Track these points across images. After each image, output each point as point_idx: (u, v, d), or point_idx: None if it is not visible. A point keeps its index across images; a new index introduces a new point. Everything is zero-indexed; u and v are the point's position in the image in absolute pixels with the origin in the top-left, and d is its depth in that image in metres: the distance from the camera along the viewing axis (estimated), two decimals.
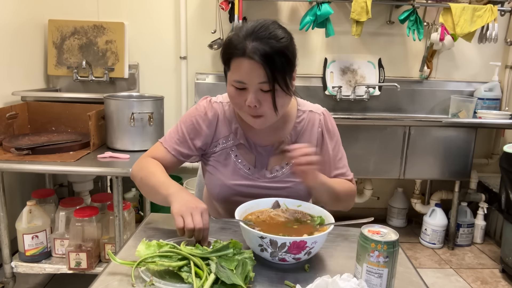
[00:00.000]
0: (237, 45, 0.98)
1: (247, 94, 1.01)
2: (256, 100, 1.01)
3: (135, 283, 0.80)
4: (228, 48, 1.01)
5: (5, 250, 1.84)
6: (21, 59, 2.44)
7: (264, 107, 1.02)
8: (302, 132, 1.18)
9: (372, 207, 3.13)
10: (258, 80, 0.99)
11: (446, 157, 2.58)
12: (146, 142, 1.96)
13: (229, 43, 1.01)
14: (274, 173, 1.16)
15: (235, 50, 0.99)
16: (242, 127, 1.16)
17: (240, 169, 1.15)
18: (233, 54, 1.00)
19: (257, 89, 1.00)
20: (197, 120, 1.16)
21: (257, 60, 0.96)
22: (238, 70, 1.00)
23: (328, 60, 2.84)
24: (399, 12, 2.70)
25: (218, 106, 1.18)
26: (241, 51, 0.98)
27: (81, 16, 2.71)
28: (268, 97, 1.01)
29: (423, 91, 2.91)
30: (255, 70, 0.97)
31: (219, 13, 2.67)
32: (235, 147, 1.16)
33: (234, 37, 1.01)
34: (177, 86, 2.84)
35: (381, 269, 0.77)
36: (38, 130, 2.16)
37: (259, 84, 0.99)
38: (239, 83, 1.01)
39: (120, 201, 1.77)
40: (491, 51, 2.91)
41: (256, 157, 1.16)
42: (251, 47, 0.97)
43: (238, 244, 0.86)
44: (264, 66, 0.96)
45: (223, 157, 1.16)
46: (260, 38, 0.97)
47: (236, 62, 1.00)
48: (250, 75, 0.98)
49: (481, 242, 2.85)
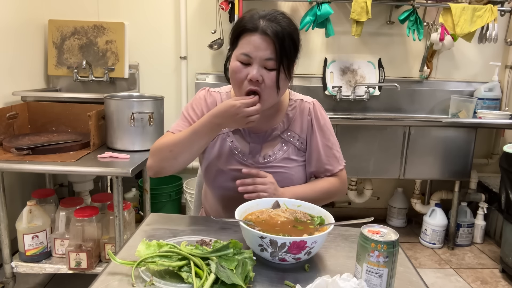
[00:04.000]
0: (250, 23, 1.04)
1: (250, 70, 1.04)
2: (259, 75, 1.04)
3: (135, 283, 0.80)
4: (240, 25, 1.07)
5: (5, 250, 1.84)
6: (21, 59, 2.44)
7: (265, 84, 1.05)
8: (294, 119, 1.22)
9: (372, 207, 3.13)
10: (265, 55, 1.03)
11: (446, 157, 2.58)
12: (146, 142, 1.96)
13: (241, 21, 1.07)
14: (267, 159, 1.19)
15: (247, 27, 1.04)
16: None
17: (235, 155, 1.19)
18: (244, 31, 1.05)
19: (262, 65, 1.04)
20: (197, 106, 1.21)
21: (269, 36, 1.02)
22: (247, 44, 1.04)
23: (328, 60, 2.84)
24: (399, 12, 2.70)
25: (216, 95, 1.23)
26: (254, 27, 1.04)
27: (81, 16, 2.71)
28: (270, 76, 1.05)
29: (423, 91, 2.91)
30: (264, 46, 1.03)
31: (219, 13, 2.67)
32: (231, 133, 1.20)
33: (246, 17, 1.07)
34: (177, 86, 2.84)
35: (381, 269, 0.77)
36: (38, 130, 2.16)
37: (265, 61, 1.04)
38: (245, 56, 1.05)
39: (120, 201, 1.77)
40: (491, 51, 2.91)
41: (250, 144, 1.20)
42: (264, 24, 1.03)
43: (238, 244, 0.86)
44: (275, 42, 1.02)
45: (219, 142, 1.20)
46: (272, 20, 1.04)
47: (246, 37, 1.05)
48: (258, 49, 1.03)
49: (481, 242, 2.85)
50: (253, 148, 1.19)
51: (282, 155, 1.19)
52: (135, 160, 1.81)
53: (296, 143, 1.20)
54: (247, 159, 1.18)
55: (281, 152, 1.19)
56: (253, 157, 1.19)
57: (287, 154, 1.19)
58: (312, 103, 1.23)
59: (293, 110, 1.22)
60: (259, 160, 1.18)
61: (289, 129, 1.20)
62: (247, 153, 1.19)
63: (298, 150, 1.21)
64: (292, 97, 1.24)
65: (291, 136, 1.20)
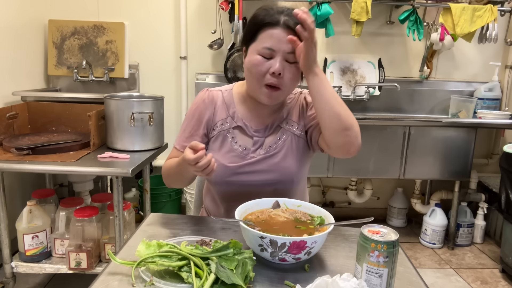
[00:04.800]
0: (269, 17, 1.06)
1: (272, 63, 1.06)
2: (281, 68, 1.06)
3: (135, 283, 0.80)
4: (258, 20, 1.08)
5: (5, 250, 1.84)
6: (21, 59, 2.44)
7: (285, 78, 1.08)
8: (292, 108, 1.23)
9: (372, 207, 3.13)
10: (288, 49, 1.05)
11: (446, 157, 2.58)
12: (146, 142, 1.96)
13: (258, 16, 1.09)
14: (268, 150, 1.19)
15: (268, 22, 1.06)
16: (240, 111, 1.21)
17: (236, 149, 1.19)
18: (264, 25, 1.06)
19: (284, 58, 1.06)
20: (196, 111, 1.22)
21: (291, 29, 1.03)
22: (269, 38, 1.06)
23: (328, 60, 2.84)
24: (399, 12, 2.70)
25: (217, 93, 1.24)
26: (275, 22, 1.05)
27: (81, 16, 2.72)
28: (291, 69, 1.08)
29: (423, 91, 2.91)
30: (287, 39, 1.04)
31: (219, 13, 2.67)
32: (232, 129, 1.21)
33: (263, 12, 1.08)
34: (177, 86, 2.84)
35: (381, 269, 0.77)
36: (38, 130, 2.16)
37: (287, 54, 1.06)
38: (268, 50, 1.06)
39: (120, 201, 1.77)
40: (491, 51, 2.91)
41: (254, 138, 1.20)
42: (285, 19, 1.05)
43: (238, 244, 0.86)
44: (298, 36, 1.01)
45: (220, 139, 1.21)
46: (291, 15, 1.05)
47: (268, 32, 1.06)
48: (281, 42, 1.05)
49: (481, 242, 2.85)
50: (256, 142, 1.20)
51: (283, 144, 1.20)
52: (135, 160, 1.81)
53: (296, 131, 1.21)
54: (249, 153, 1.19)
55: (281, 141, 1.20)
56: (255, 150, 1.19)
57: (287, 143, 1.20)
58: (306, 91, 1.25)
59: (291, 102, 1.24)
60: (261, 152, 1.19)
61: (288, 118, 1.22)
62: (249, 147, 1.19)
63: (298, 137, 1.21)
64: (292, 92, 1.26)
65: (289, 124, 1.22)
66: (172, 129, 2.82)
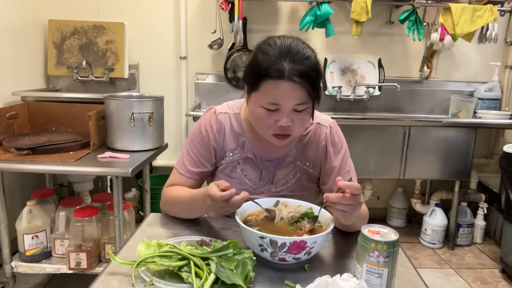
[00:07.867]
0: (271, 67, 0.96)
1: (278, 115, 1.00)
2: (289, 120, 1.01)
3: (135, 283, 0.80)
4: (259, 69, 0.98)
5: (5, 250, 1.84)
6: (21, 59, 2.44)
7: (295, 125, 1.02)
8: (308, 145, 1.16)
9: (372, 207, 3.13)
10: (295, 101, 0.98)
11: (446, 157, 2.58)
12: (146, 142, 1.96)
13: (259, 64, 0.99)
14: (280, 188, 1.15)
15: (271, 73, 0.96)
16: (250, 140, 1.15)
17: (246, 183, 1.15)
18: (267, 76, 0.97)
19: (291, 109, 1.00)
20: (204, 136, 1.15)
21: (298, 82, 0.96)
22: (273, 92, 0.98)
23: (328, 60, 2.84)
24: (399, 12, 2.70)
25: (224, 118, 1.16)
26: (279, 73, 0.96)
27: (81, 16, 2.71)
28: (300, 116, 1.02)
29: (423, 91, 2.91)
30: (294, 92, 0.97)
31: (219, 13, 2.67)
32: (242, 161, 1.16)
33: (263, 58, 0.99)
34: (177, 86, 2.84)
35: (381, 269, 0.77)
36: (38, 130, 2.16)
37: (295, 105, 0.99)
38: (273, 105, 0.99)
39: (120, 201, 1.77)
40: (491, 51, 2.91)
41: (262, 171, 1.16)
42: (289, 69, 0.96)
43: (238, 244, 0.86)
44: (306, 87, 0.97)
45: (229, 169, 1.16)
46: (296, 60, 0.96)
47: (271, 84, 0.97)
48: (288, 96, 0.97)
49: (481, 242, 2.85)
50: (265, 175, 1.15)
51: (296, 183, 1.15)
52: (135, 160, 1.81)
53: (310, 170, 1.16)
54: (258, 187, 1.15)
55: (294, 180, 1.15)
56: (265, 184, 1.15)
57: (300, 182, 1.15)
58: (329, 126, 1.17)
59: (308, 135, 1.16)
60: (271, 189, 1.15)
61: (303, 156, 1.15)
62: (258, 181, 1.15)
63: (312, 177, 1.17)
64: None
65: (304, 163, 1.16)
66: (172, 129, 2.82)
